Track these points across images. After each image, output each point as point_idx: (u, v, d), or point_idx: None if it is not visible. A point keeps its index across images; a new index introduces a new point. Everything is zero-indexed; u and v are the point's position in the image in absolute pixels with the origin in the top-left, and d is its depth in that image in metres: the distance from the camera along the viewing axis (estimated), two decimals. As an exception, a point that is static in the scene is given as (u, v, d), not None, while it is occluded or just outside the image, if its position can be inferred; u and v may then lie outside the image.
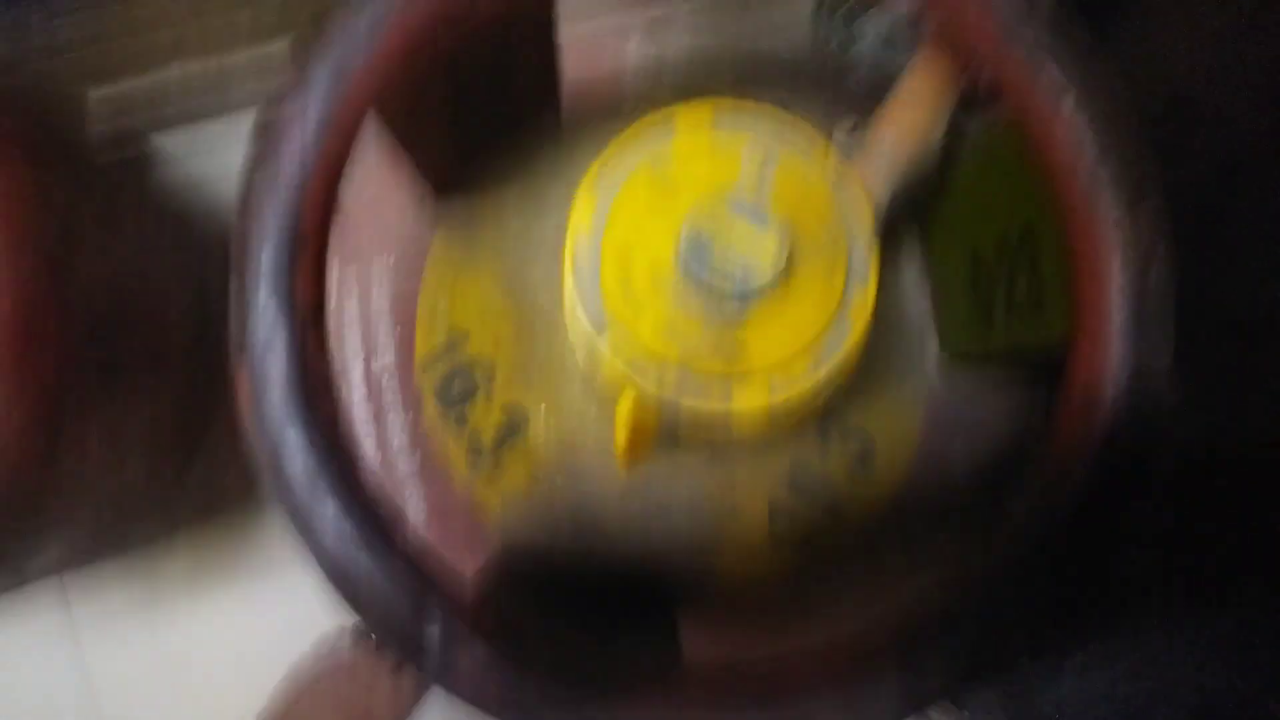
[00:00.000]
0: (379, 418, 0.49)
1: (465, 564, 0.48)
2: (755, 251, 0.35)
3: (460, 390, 0.48)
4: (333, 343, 0.49)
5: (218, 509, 0.91)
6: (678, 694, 0.30)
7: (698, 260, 0.35)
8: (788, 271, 0.35)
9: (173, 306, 0.64)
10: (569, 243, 0.37)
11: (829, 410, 0.48)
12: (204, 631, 0.93)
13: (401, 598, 0.30)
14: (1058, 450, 0.32)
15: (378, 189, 0.50)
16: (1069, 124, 0.32)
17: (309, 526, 0.30)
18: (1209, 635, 0.46)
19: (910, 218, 0.49)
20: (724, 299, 0.35)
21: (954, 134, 0.42)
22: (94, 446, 0.56)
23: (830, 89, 0.50)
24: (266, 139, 0.31)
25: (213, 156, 0.93)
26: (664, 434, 0.47)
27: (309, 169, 0.31)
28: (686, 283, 0.36)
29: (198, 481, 0.71)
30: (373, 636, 0.32)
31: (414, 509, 0.49)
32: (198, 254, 0.69)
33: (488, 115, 0.47)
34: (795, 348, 0.36)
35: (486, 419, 0.48)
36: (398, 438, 0.49)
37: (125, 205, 0.62)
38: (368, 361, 0.49)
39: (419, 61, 0.35)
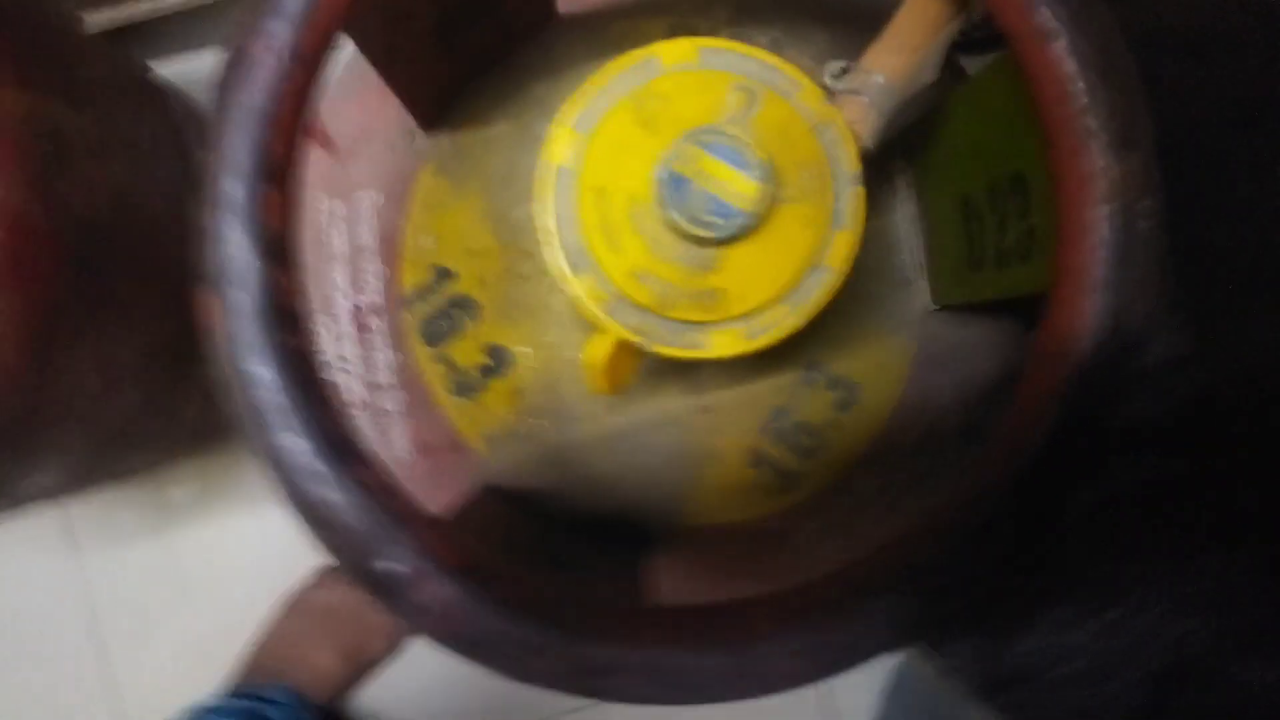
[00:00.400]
0: (366, 355, 0.49)
1: (447, 499, 0.48)
2: (734, 193, 0.34)
3: (445, 329, 0.48)
4: (318, 278, 0.49)
5: (221, 437, 0.92)
6: (643, 634, 0.30)
7: (676, 201, 0.34)
8: (767, 215, 0.35)
9: (166, 235, 0.64)
10: (544, 179, 0.36)
11: (813, 357, 0.48)
12: (208, 554, 0.95)
13: (369, 534, 0.30)
14: (1031, 397, 0.31)
15: (365, 122, 0.49)
16: (1059, 69, 0.31)
17: (278, 461, 0.30)
18: (1183, 598, 0.46)
19: (904, 162, 0.48)
20: (701, 241, 0.35)
21: (949, 78, 0.41)
22: (86, 372, 0.56)
23: (827, 30, 0.48)
24: (235, 68, 0.31)
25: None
26: (642, 373, 0.47)
27: (278, 99, 0.30)
28: (664, 223, 0.35)
29: (197, 410, 0.72)
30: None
31: (399, 445, 0.49)
32: (193, 184, 0.68)
33: (477, 47, 0.46)
34: (771, 293, 0.36)
35: (471, 358, 0.48)
36: (384, 375, 0.49)
37: (119, 131, 0.61)
38: (354, 298, 0.49)
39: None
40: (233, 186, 0.30)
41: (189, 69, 0.89)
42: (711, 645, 0.28)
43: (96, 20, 0.78)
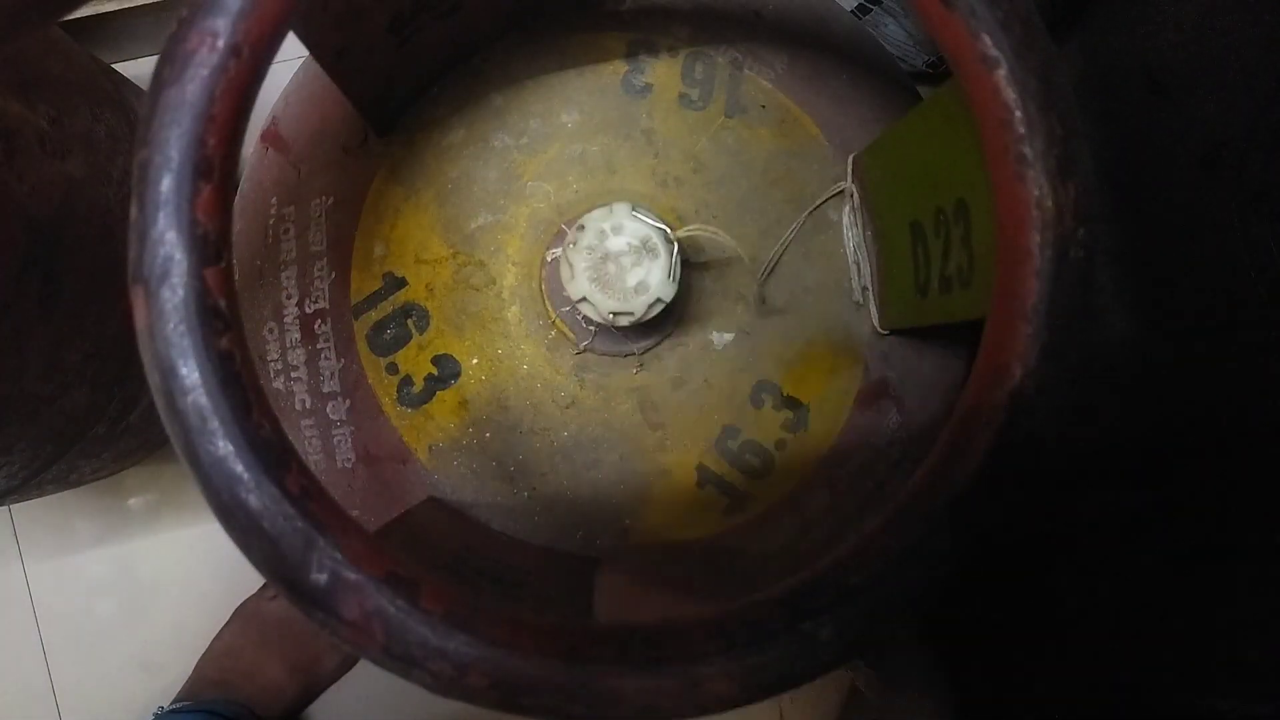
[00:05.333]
0: (313, 363, 0.49)
1: (391, 510, 0.48)
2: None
3: (393, 337, 0.48)
4: (268, 284, 0.49)
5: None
6: (575, 652, 0.29)
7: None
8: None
9: (121, 234, 0.63)
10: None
11: (763, 377, 0.48)
12: (161, 563, 0.93)
13: (292, 542, 0.30)
14: (965, 421, 0.31)
15: (320, 126, 0.49)
16: (999, 97, 0.31)
17: (201, 465, 0.29)
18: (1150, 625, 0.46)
19: (857, 184, 0.49)
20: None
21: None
22: (31, 374, 0.55)
23: (787, 51, 0.49)
24: (173, 61, 0.30)
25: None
26: (592, 387, 0.47)
27: (216, 94, 0.30)
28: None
29: (144, 416, 0.71)
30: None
31: (343, 455, 0.49)
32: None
33: (432, 51, 0.46)
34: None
35: (418, 368, 0.47)
36: (329, 382, 0.48)
37: (75, 128, 0.61)
38: (302, 303, 0.48)
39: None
40: (165, 182, 0.30)
41: (151, 68, 0.89)
42: (646, 666, 0.28)
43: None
